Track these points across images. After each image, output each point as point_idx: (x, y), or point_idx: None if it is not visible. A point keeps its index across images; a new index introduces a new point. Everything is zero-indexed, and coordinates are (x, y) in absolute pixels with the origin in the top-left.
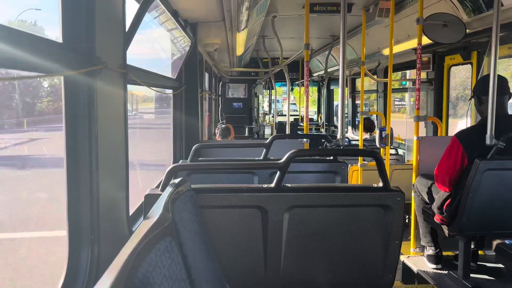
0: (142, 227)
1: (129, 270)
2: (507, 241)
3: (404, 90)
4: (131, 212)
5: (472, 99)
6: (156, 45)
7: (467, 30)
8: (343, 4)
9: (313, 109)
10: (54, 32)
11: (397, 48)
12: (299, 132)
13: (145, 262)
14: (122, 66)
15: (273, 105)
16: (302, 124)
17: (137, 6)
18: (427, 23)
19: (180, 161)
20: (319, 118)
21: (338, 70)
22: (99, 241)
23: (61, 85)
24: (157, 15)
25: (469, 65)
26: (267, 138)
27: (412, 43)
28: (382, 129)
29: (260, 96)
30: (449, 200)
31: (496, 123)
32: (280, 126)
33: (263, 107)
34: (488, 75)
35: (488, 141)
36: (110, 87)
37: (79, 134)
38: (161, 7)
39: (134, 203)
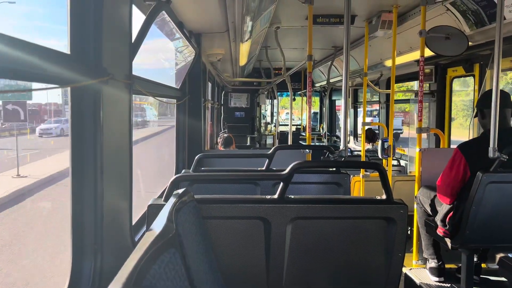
0: (146, 238)
1: (134, 282)
2: (510, 255)
3: (406, 101)
4: (134, 221)
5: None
6: (160, 55)
7: (470, 43)
8: (346, 16)
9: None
10: (62, 43)
11: (400, 60)
12: (301, 141)
13: (150, 274)
14: (128, 77)
15: (275, 115)
16: (304, 134)
17: (143, 17)
18: (429, 35)
19: (183, 171)
20: (321, 128)
21: (340, 80)
22: (102, 251)
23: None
24: (162, 26)
25: (471, 78)
26: (269, 148)
27: (415, 55)
28: (384, 140)
29: (263, 106)
30: (452, 212)
31: (499, 136)
32: (282, 135)
33: (265, 116)
34: (491, 89)
35: (491, 154)
36: (115, 97)
37: (84, 144)
38: (166, 18)
39: None
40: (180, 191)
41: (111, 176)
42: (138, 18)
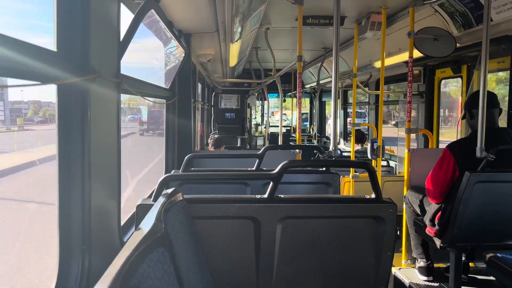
0: (134, 237)
1: (122, 280)
2: (498, 254)
3: (395, 102)
4: (122, 222)
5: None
6: (150, 55)
7: (457, 44)
8: (336, 17)
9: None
10: (48, 40)
11: (389, 61)
12: (291, 143)
13: (138, 273)
14: (116, 75)
15: (265, 116)
16: (294, 135)
17: (131, 16)
18: (418, 36)
19: (173, 171)
20: (311, 129)
21: (330, 82)
22: (90, 251)
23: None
24: (151, 25)
25: (459, 78)
26: (260, 149)
27: (404, 56)
28: (373, 141)
29: (253, 107)
30: (441, 212)
31: (486, 136)
32: (272, 136)
33: (255, 117)
34: (479, 90)
35: (478, 154)
36: (103, 96)
37: (71, 143)
38: (155, 17)
39: None
40: (169, 191)
41: (99, 175)
42: (127, 16)
